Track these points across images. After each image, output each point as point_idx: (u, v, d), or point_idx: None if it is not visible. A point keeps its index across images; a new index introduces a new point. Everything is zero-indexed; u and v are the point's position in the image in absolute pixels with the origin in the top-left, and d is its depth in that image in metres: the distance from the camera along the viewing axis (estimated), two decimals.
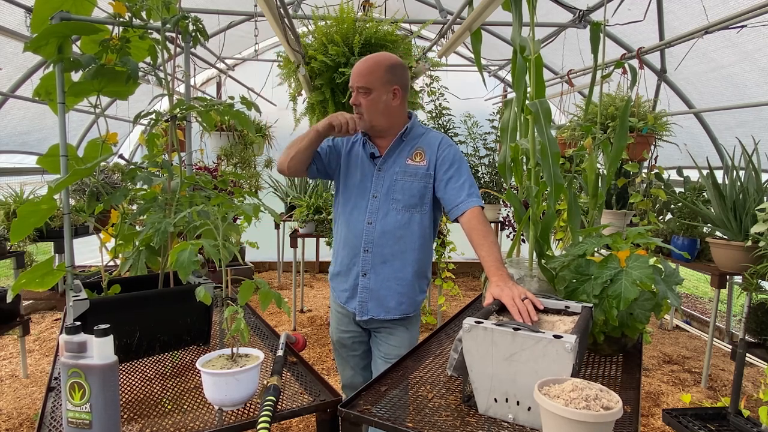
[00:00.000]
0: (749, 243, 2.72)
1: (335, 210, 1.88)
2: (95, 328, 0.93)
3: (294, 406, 1.12)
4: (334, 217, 1.89)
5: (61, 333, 1.34)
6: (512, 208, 1.71)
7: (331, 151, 1.85)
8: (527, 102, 1.54)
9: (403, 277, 1.75)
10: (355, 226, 1.76)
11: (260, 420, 0.99)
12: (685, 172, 3.56)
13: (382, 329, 1.80)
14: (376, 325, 1.81)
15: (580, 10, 3.55)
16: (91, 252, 4.81)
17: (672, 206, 3.40)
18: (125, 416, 1.07)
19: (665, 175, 3.32)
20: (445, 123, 5.00)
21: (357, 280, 1.77)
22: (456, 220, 1.69)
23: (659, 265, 1.34)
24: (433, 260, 4.32)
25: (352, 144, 1.85)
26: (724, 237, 2.96)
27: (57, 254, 3.85)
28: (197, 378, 1.26)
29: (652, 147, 3.14)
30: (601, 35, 1.64)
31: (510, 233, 4.81)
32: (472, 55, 2.60)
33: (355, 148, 1.84)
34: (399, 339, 1.78)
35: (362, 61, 1.70)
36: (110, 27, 1.41)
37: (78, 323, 0.95)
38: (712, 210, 3.01)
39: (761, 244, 2.60)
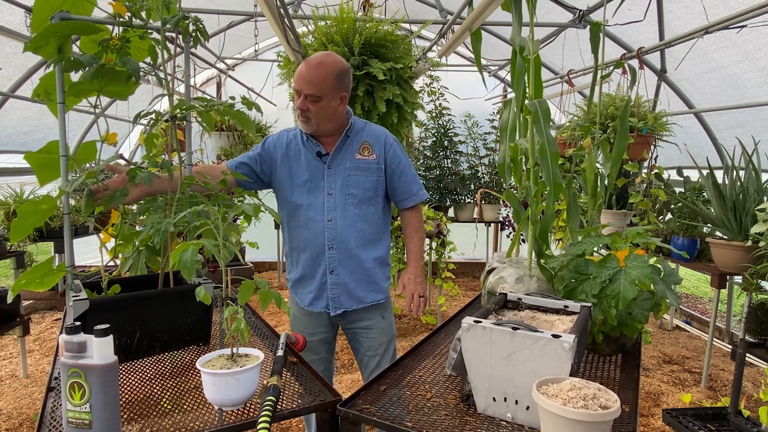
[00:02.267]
0: (749, 243, 2.72)
1: (284, 215, 1.85)
2: (95, 328, 0.93)
3: (294, 406, 1.12)
4: (283, 222, 1.86)
5: (61, 333, 1.35)
6: (512, 208, 1.71)
7: (263, 160, 1.82)
8: (526, 102, 1.54)
9: (369, 267, 1.80)
10: (314, 226, 1.76)
11: (260, 420, 0.99)
12: (685, 172, 3.56)
13: (359, 322, 1.85)
14: (351, 319, 1.85)
15: (580, 10, 3.55)
16: (91, 252, 4.81)
17: (672, 206, 3.40)
18: (125, 416, 1.08)
19: (665, 175, 3.32)
20: (445, 123, 5.00)
21: (324, 278, 1.79)
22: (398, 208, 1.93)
23: (658, 265, 1.34)
24: (433, 260, 4.31)
25: (287, 145, 1.82)
26: (724, 237, 2.96)
27: (57, 254, 3.85)
28: (197, 378, 1.26)
29: (652, 147, 3.14)
30: (601, 35, 1.64)
31: (509, 233, 4.81)
32: (472, 55, 2.61)
33: (293, 147, 1.81)
34: (378, 330, 1.86)
35: (312, 67, 1.66)
36: (110, 27, 1.42)
37: (78, 323, 0.95)
38: (712, 210, 3.01)
39: (761, 244, 2.60)
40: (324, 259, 1.77)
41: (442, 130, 5.00)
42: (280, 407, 1.10)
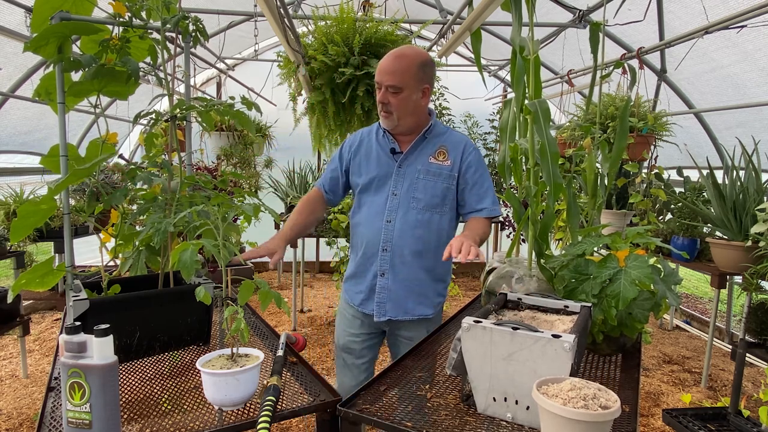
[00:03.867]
0: (749, 243, 2.72)
1: (352, 210, 1.85)
2: (95, 328, 0.93)
3: (294, 406, 1.12)
4: (351, 216, 1.85)
5: (61, 333, 1.35)
6: (512, 208, 1.71)
7: (342, 163, 1.82)
8: (526, 102, 1.54)
9: (422, 278, 1.71)
10: (372, 224, 1.71)
11: (260, 420, 0.99)
12: (685, 172, 3.56)
13: (403, 331, 1.76)
14: (396, 327, 1.76)
15: (580, 10, 3.55)
16: (91, 252, 4.81)
17: (672, 206, 3.40)
18: (125, 416, 1.08)
19: (665, 175, 3.33)
20: (445, 123, 5.00)
21: (375, 280, 1.72)
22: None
23: (658, 265, 1.34)
24: None
25: (359, 141, 1.80)
26: (724, 237, 2.96)
27: (57, 254, 3.85)
28: (197, 378, 1.26)
29: (652, 147, 3.14)
30: (601, 35, 1.64)
31: (510, 233, 4.81)
32: (472, 55, 2.61)
33: (366, 143, 1.78)
34: None
35: (394, 58, 1.61)
36: (110, 27, 1.42)
37: (78, 323, 0.95)
38: (712, 210, 3.01)
39: (761, 244, 2.60)
40: (377, 260, 1.70)
41: None
42: (280, 407, 1.10)
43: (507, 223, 4.74)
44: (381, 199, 1.71)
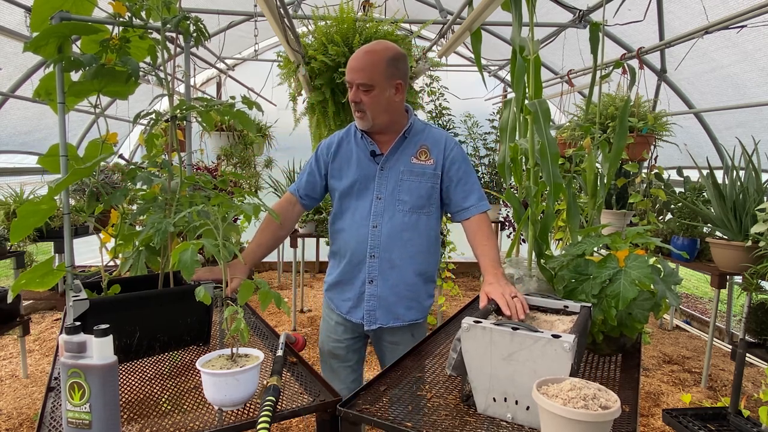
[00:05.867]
0: (749, 243, 2.72)
1: (331, 216, 1.78)
2: (95, 328, 0.93)
3: (294, 406, 1.12)
4: (331, 222, 1.78)
5: (61, 333, 1.35)
6: (512, 208, 1.71)
7: (320, 166, 1.75)
8: (526, 102, 1.54)
9: (412, 282, 1.68)
10: (358, 231, 1.66)
11: (260, 420, 0.99)
12: (685, 172, 3.56)
13: (389, 336, 1.73)
14: (381, 331, 1.73)
15: (580, 10, 3.55)
16: (91, 252, 4.81)
17: (672, 206, 3.40)
18: (125, 416, 1.07)
19: (665, 175, 3.33)
20: (445, 123, 5.01)
21: (363, 287, 1.68)
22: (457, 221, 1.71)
23: (658, 265, 1.34)
24: None
25: (338, 144, 1.74)
26: (724, 237, 2.96)
27: (57, 254, 3.85)
28: (197, 378, 1.26)
29: (652, 147, 3.14)
30: (601, 35, 1.64)
31: (510, 233, 4.81)
32: (472, 55, 2.61)
33: (344, 146, 1.73)
34: (405, 347, 1.66)
35: (363, 54, 1.57)
36: (110, 27, 1.42)
37: (78, 323, 0.95)
38: (712, 210, 3.01)
39: (761, 244, 2.60)
40: (364, 267, 1.66)
41: None
42: (280, 407, 1.10)
43: (507, 223, 4.74)
44: (365, 203, 1.66)
